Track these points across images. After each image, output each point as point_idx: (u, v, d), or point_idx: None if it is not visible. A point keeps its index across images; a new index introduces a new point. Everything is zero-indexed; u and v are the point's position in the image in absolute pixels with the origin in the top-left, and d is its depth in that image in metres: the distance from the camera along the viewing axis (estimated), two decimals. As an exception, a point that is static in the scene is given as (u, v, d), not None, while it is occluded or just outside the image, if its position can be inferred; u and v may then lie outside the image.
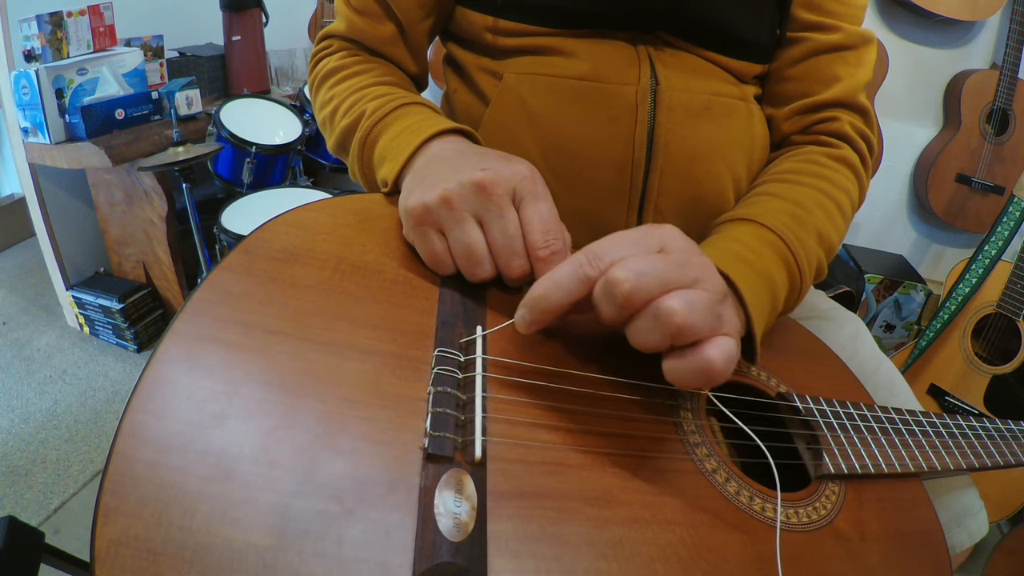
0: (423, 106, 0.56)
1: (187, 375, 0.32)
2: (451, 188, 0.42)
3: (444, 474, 0.32)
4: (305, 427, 0.32)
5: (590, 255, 0.37)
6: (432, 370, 0.37)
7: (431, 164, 0.47)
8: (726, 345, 0.36)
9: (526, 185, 0.43)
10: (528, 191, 0.43)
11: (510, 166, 0.43)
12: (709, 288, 0.37)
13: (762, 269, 0.47)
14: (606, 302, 0.36)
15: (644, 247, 0.37)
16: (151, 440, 0.29)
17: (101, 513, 0.26)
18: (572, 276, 0.37)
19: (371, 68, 0.60)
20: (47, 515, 1.25)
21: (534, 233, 0.42)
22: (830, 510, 0.41)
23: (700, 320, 0.35)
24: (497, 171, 0.42)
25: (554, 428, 0.37)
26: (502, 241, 0.42)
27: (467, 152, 0.48)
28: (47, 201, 1.72)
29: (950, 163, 1.78)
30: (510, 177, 0.42)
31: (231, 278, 0.38)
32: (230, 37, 1.91)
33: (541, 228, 0.42)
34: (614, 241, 0.38)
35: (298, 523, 0.28)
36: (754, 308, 0.44)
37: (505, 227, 0.42)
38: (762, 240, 0.49)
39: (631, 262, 0.35)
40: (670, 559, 0.33)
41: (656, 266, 0.35)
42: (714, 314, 0.36)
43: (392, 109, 0.54)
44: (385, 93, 0.56)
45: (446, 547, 0.29)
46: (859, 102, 0.60)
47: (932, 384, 1.45)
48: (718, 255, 0.46)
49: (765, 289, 0.46)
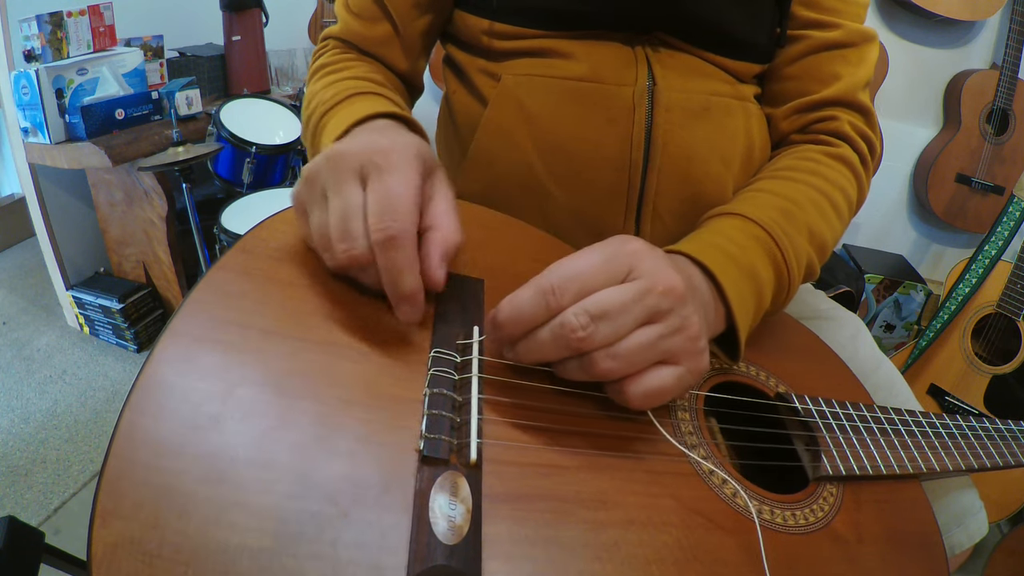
0: (377, 95, 0.54)
1: (184, 377, 0.32)
2: (311, 167, 0.39)
3: (439, 476, 0.32)
4: (301, 428, 0.32)
5: (556, 284, 0.35)
6: (428, 371, 0.37)
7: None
8: (651, 382, 0.36)
9: (375, 158, 0.38)
10: (374, 164, 0.37)
11: (371, 139, 0.39)
12: (669, 321, 0.36)
13: (746, 264, 0.46)
14: (552, 343, 0.35)
15: (610, 273, 0.36)
16: (148, 443, 0.29)
17: (98, 516, 0.26)
18: (534, 305, 0.35)
19: (354, 65, 0.60)
20: (47, 515, 1.25)
21: (372, 214, 0.36)
22: (828, 512, 0.41)
23: (628, 367, 0.35)
24: (350, 145, 0.39)
25: (550, 430, 0.37)
26: (332, 222, 0.37)
27: (372, 132, 0.45)
28: (47, 201, 1.72)
29: (950, 163, 1.77)
30: (359, 151, 0.38)
31: (228, 278, 0.38)
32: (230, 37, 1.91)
33: (377, 208, 0.36)
34: (580, 267, 0.36)
35: (293, 525, 0.28)
36: (736, 303, 0.44)
37: (337, 206, 0.37)
38: (748, 234, 0.48)
39: (591, 305, 0.34)
40: (665, 561, 0.33)
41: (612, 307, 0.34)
42: (658, 351, 0.36)
43: (345, 97, 0.53)
44: (349, 85, 0.55)
45: (441, 550, 0.29)
46: (859, 101, 0.60)
47: (932, 384, 1.45)
48: (700, 248, 0.45)
49: (749, 284, 0.46)
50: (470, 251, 0.46)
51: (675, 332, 0.36)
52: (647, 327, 0.36)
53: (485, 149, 0.59)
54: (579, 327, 0.34)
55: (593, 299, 0.35)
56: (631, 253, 0.37)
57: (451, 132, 0.64)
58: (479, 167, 0.60)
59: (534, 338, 0.36)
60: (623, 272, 0.36)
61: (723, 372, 0.47)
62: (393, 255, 0.36)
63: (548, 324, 0.35)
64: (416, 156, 0.39)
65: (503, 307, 0.37)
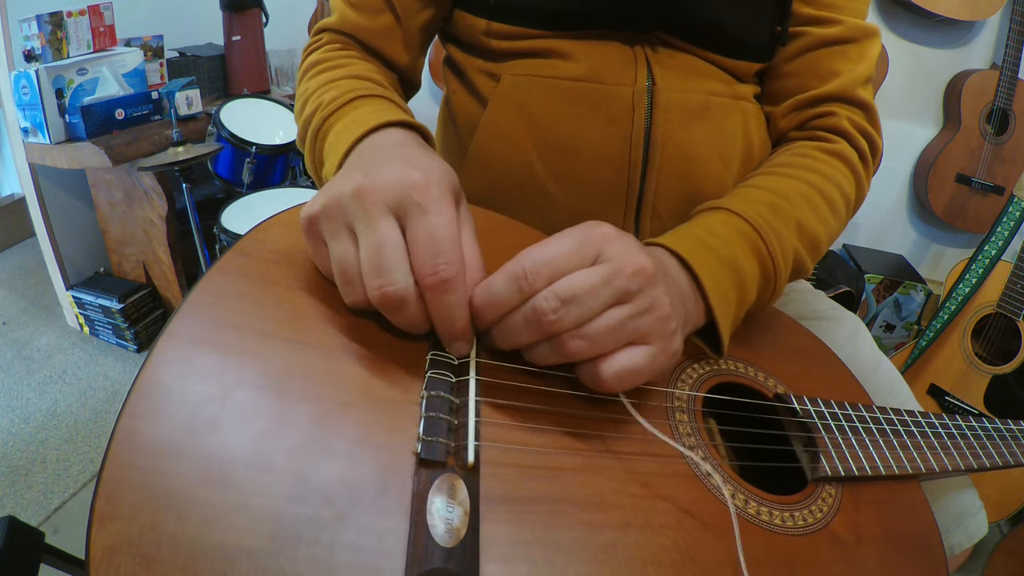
0: (382, 99, 0.52)
1: (181, 379, 0.32)
2: (333, 196, 0.37)
3: (437, 479, 0.32)
4: (299, 431, 0.32)
5: (528, 269, 0.35)
6: (425, 374, 0.37)
7: (350, 164, 0.44)
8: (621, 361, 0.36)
9: (413, 195, 0.36)
10: (413, 202, 0.36)
11: (402, 170, 0.37)
12: (637, 302, 0.36)
13: (728, 256, 0.46)
14: (525, 327, 0.36)
15: (581, 256, 0.36)
16: (145, 445, 0.29)
17: (95, 518, 0.26)
18: (507, 291, 0.36)
19: (351, 62, 0.58)
20: (47, 515, 1.25)
21: (421, 255, 0.35)
22: (826, 513, 0.41)
23: (598, 347, 0.36)
24: (380, 176, 0.37)
25: (547, 432, 0.37)
26: (365, 257, 0.35)
27: (391, 150, 0.43)
28: (47, 201, 1.72)
29: (950, 163, 1.77)
30: (392, 184, 0.36)
31: (225, 280, 0.38)
32: (230, 37, 1.91)
33: (429, 249, 0.35)
34: (551, 251, 0.36)
35: (291, 528, 0.28)
36: (714, 294, 0.44)
37: (372, 242, 0.35)
38: (731, 228, 0.48)
39: (560, 288, 0.35)
40: (663, 563, 0.33)
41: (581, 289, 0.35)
42: (627, 331, 0.36)
43: (348, 100, 0.51)
44: (350, 86, 0.53)
45: (438, 552, 0.29)
46: (858, 96, 0.59)
47: (932, 384, 1.45)
48: (677, 240, 0.46)
49: (730, 276, 0.46)
50: None
51: (644, 312, 0.36)
52: (616, 308, 0.36)
53: (485, 149, 0.59)
54: (549, 311, 0.34)
55: (562, 282, 0.35)
56: (600, 237, 0.37)
57: (451, 132, 0.64)
58: (479, 167, 0.59)
59: (508, 323, 0.37)
60: (592, 255, 0.36)
61: (721, 373, 0.47)
62: (449, 298, 0.35)
63: (520, 309, 0.36)
64: (450, 189, 0.38)
65: (478, 293, 0.37)
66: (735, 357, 0.49)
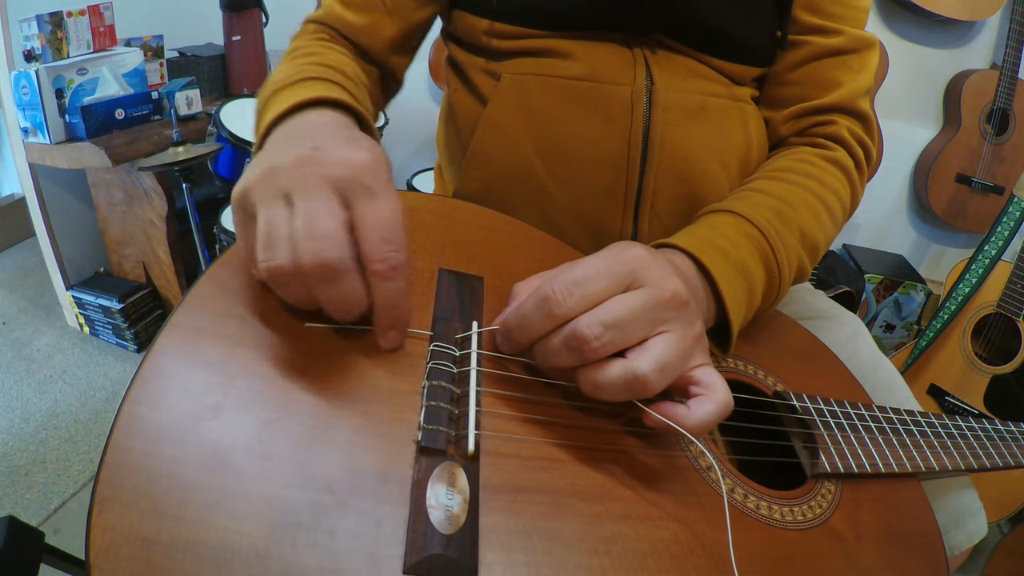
0: (332, 83, 0.49)
1: (184, 368, 0.32)
2: (272, 164, 0.35)
3: (437, 467, 0.32)
4: (300, 419, 0.32)
5: (560, 291, 0.35)
6: (427, 364, 0.37)
7: (285, 137, 0.42)
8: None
9: (363, 177, 0.34)
10: (363, 185, 0.34)
11: (350, 151, 0.36)
12: (678, 332, 0.36)
13: (738, 260, 0.46)
14: (567, 352, 0.35)
15: (614, 278, 0.36)
16: (147, 431, 0.29)
17: (97, 502, 0.26)
18: (540, 313, 0.35)
19: (325, 51, 0.56)
20: (47, 515, 1.25)
21: (370, 241, 0.34)
22: (825, 509, 0.41)
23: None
24: (329, 152, 0.35)
25: (548, 423, 0.37)
26: (300, 221, 0.33)
27: (334, 131, 0.41)
28: (47, 201, 1.72)
29: (950, 163, 1.77)
30: (340, 162, 0.35)
31: (229, 273, 0.38)
32: (230, 37, 1.91)
33: (380, 235, 0.34)
34: (583, 273, 0.35)
35: (291, 514, 0.28)
36: (730, 298, 0.44)
37: (309, 206, 0.33)
38: (741, 232, 0.48)
39: (602, 314, 0.34)
40: (663, 555, 0.33)
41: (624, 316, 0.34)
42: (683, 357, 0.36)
43: (297, 80, 0.48)
44: (307, 70, 0.49)
45: (437, 539, 0.29)
46: (859, 108, 0.60)
47: (932, 384, 1.45)
48: (694, 243, 0.46)
49: (742, 280, 0.46)
50: (470, 249, 0.46)
51: (682, 339, 0.37)
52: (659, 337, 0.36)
53: (485, 148, 0.59)
54: (592, 338, 0.34)
55: (605, 308, 0.35)
56: (633, 259, 0.37)
57: (452, 131, 0.64)
58: (479, 165, 0.60)
59: (547, 346, 0.36)
60: (626, 277, 0.36)
61: (722, 371, 0.48)
62: (395, 286, 0.35)
63: (560, 333, 0.35)
64: (389, 171, 0.37)
65: (510, 316, 0.37)
66: (736, 355, 0.49)
